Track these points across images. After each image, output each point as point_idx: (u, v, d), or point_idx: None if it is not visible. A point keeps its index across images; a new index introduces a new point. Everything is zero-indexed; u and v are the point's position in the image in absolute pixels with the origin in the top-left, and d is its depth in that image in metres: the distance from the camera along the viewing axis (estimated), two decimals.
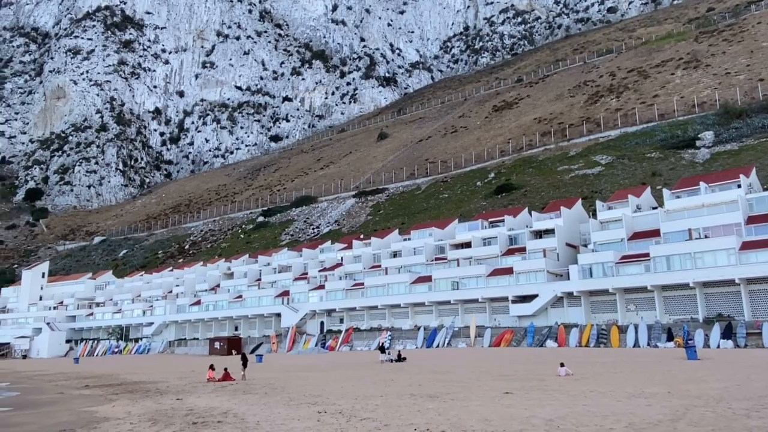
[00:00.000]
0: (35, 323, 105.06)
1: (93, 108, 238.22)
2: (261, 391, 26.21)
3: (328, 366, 43.57)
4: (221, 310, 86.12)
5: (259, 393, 25.54)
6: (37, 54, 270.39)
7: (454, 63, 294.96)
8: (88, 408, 24.97)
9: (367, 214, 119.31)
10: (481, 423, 14.93)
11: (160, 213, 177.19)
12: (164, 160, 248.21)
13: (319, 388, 26.26)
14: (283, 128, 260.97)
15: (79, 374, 50.57)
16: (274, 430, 15.40)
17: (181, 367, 51.66)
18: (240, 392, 26.46)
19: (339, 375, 34.26)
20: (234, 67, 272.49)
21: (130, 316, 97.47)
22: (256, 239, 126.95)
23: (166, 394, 28.04)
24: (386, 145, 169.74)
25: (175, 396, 26.87)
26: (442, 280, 65.73)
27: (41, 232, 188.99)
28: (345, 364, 44.96)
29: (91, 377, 45.71)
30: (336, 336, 70.93)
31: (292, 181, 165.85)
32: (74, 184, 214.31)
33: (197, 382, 34.07)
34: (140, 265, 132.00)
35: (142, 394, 28.97)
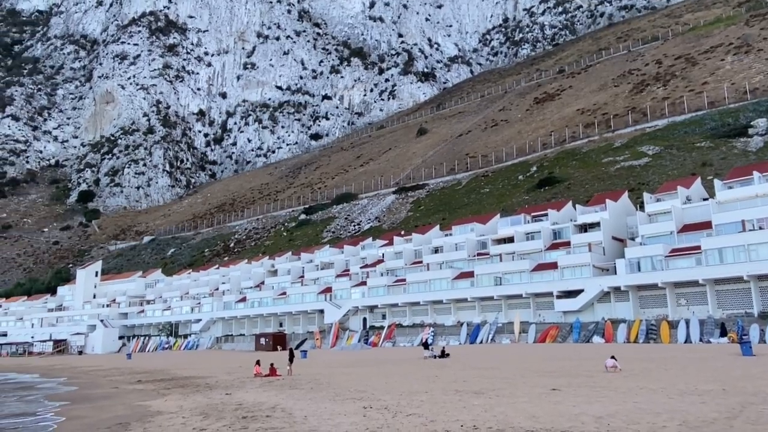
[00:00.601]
0: (90, 320, 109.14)
1: (140, 111, 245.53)
2: (307, 387, 26.59)
3: (371, 362, 43.82)
4: (266, 307, 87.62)
5: (305, 388, 25.92)
6: (86, 60, 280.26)
7: (494, 56, 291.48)
8: (141, 402, 25.85)
9: (408, 210, 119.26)
10: (529, 420, 14.77)
11: (206, 212, 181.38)
12: (209, 160, 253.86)
13: (363, 383, 26.46)
14: (322, 126, 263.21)
15: (132, 369, 52.36)
16: (321, 424, 15.61)
17: (228, 363, 52.85)
18: (286, 387, 26.90)
19: (383, 371, 34.43)
20: (274, 68, 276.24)
21: (179, 313, 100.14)
22: (299, 237, 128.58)
23: (215, 389, 28.76)
24: (426, 140, 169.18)
25: (224, 391, 27.54)
26: (484, 276, 65.17)
27: (94, 232, 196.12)
28: (388, 360, 45.13)
29: (144, 372, 47.24)
30: (379, 332, 71.26)
31: (333, 179, 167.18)
32: (124, 185, 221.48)
33: (245, 378, 34.81)
34: (188, 264, 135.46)
35: (193, 389, 29.78)
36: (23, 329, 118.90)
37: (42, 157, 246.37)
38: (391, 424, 15.03)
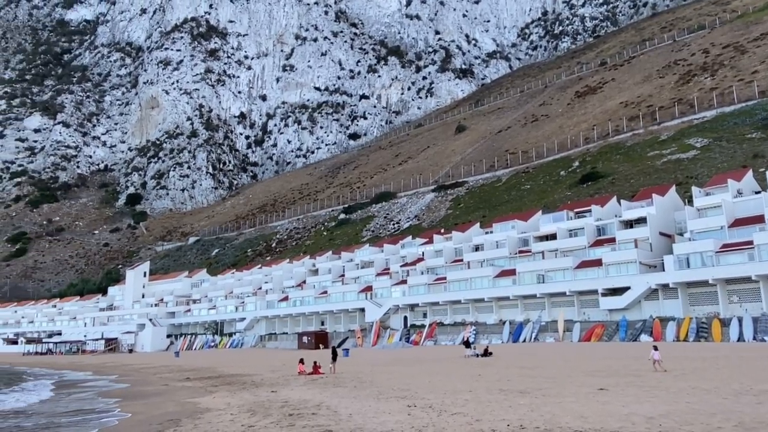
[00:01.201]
0: (139, 319, 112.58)
1: (184, 116, 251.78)
2: (350, 385, 26.80)
3: (413, 360, 43.83)
4: (308, 306, 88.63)
5: (349, 386, 26.13)
6: (132, 67, 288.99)
7: (533, 50, 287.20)
8: (191, 399, 26.55)
9: (447, 208, 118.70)
10: (577, 420, 14.54)
11: (248, 213, 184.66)
12: (250, 162, 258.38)
13: (406, 382, 26.50)
14: (361, 126, 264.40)
15: (180, 367, 53.77)
16: (367, 423, 15.72)
17: (272, 361, 53.70)
18: (330, 385, 27.18)
19: (425, 369, 34.39)
20: (312, 69, 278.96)
21: (224, 312, 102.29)
22: (339, 236, 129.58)
23: (261, 387, 29.29)
24: (464, 137, 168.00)
25: (269, 388, 28.02)
26: (526, 274, 64.31)
27: (141, 234, 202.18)
28: (430, 358, 45.05)
29: (191, 370, 48.46)
30: (420, 330, 71.20)
31: (372, 178, 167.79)
32: (169, 188, 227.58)
33: (289, 375, 35.32)
34: (231, 264, 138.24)
35: (239, 387, 30.42)
36: (77, 328, 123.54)
37: (92, 162, 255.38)
38: (437, 423, 15.02)
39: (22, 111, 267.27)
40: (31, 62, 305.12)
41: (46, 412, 26.53)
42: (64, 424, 22.29)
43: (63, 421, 22.95)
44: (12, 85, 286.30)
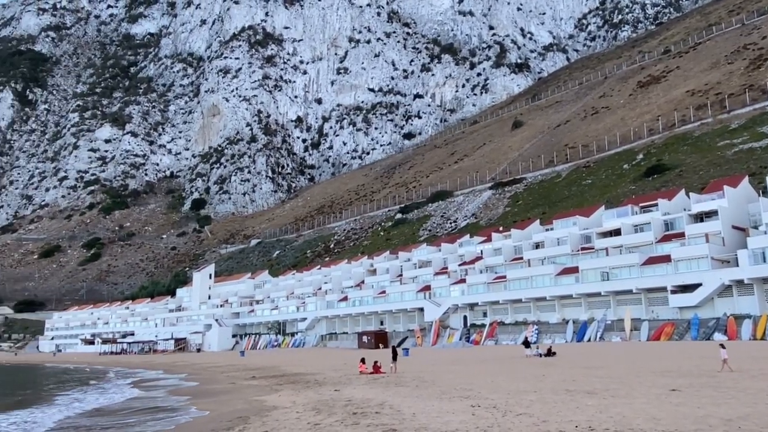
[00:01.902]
0: (206, 320, 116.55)
1: (243, 122, 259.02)
2: (412, 384, 26.85)
3: (474, 360, 43.45)
4: (367, 306, 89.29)
5: (411, 386, 26.18)
6: (193, 77, 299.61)
7: (591, 41, 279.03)
8: (257, 397, 27.30)
9: (505, 205, 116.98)
10: (649, 422, 14.05)
11: (307, 215, 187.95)
12: (307, 165, 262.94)
13: (468, 381, 26.30)
14: (415, 125, 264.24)
15: (246, 366, 55.31)
16: (431, 422, 15.73)
17: (334, 360, 54.44)
18: (392, 385, 27.32)
19: (487, 369, 34.03)
20: (366, 70, 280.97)
21: (286, 312, 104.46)
22: (395, 236, 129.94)
23: (324, 385, 29.78)
24: (521, 133, 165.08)
25: (332, 387, 28.44)
26: (590, 271, 62.54)
27: (206, 237, 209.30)
28: (491, 358, 44.53)
29: (257, 369, 49.75)
30: (480, 330, 70.46)
31: (427, 177, 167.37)
32: (231, 192, 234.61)
33: (351, 374, 35.73)
34: (292, 265, 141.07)
35: (303, 385, 31.02)
36: (148, 328, 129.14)
37: (158, 170, 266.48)
38: (502, 423, 14.86)
39: (94, 123, 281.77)
40: (100, 76, 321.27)
41: (127, 410, 27.92)
42: (144, 421, 23.39)
43: (143, 419, 24.08)
44: (84, 98, 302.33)
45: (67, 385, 47.05)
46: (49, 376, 62.52)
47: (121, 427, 22.02)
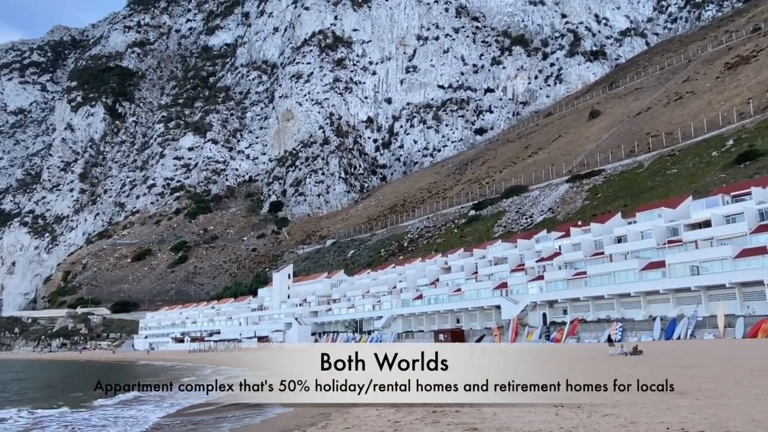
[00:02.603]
0: (286, 318, 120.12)
1: (316, 125, 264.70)
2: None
3: (554, 359, 42.37)
4: (442, 304, 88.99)
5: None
6: (268, 83, 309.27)
7: (672, 23, 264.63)
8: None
9: (584, 198, 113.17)
10: (748, 424, 13.23)
11: (379, 214, 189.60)
12: (379, 164, 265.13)
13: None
14: (487, 120, 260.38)
15: None
16: (512, 422, 15.53)
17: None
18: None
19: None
20: (435, 67, 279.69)
21: (362, 311, 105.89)
22: (469, 233, 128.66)
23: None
24: (599, 123, 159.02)
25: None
26: (677, 265, 59.41)
27: (284, 238, 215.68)
28: (573, 357, 43.28)
29: None
30: (560, 328, 68.59)
31: (501, 172, 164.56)
32: (306, 194, 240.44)
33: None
34: (367, 264, 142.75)
35: None
36: (232, 327, 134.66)
37: (238, 174, 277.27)
38: (587, 424, 14.46)
39: (178, 132, 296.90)
40: (182, 87, 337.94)
41: (217, 405, 29.29)
42: (233, 417, 24.48)
43: (232, 414, 25.19)
44: (168, 109, 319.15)
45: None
46: (148, 374, 66.50)
47: (212, 423, 23.15)
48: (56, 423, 25.31)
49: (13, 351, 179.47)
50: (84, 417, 26.88)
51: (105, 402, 30.35)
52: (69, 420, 26.11)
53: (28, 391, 46.43)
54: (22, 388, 50.68)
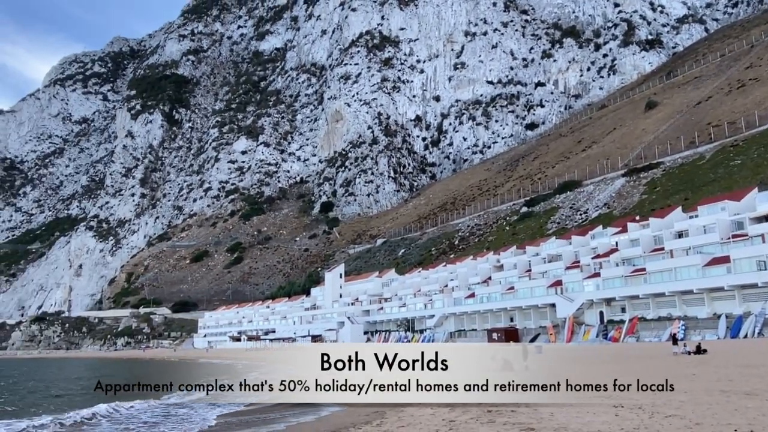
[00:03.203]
0: (338, 317, 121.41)
1: (365, 125, 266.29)
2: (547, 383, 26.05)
3: (612, 358, 41.18)
4: (494, 302, 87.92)
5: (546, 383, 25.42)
6: (317, 86, 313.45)
7: (733, 7, 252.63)
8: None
9: (641, 193, 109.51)
10: None
11: (429, 213, 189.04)
12: (428, 163, 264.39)
13: (609, 380, 24.98)
14: (538, 115, 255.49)
15: None
16: (570, 422, 15.22)
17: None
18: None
19: (628, 368, 32.12)
20: (483, 63, 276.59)
21: (413, 310, 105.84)
22: (521, 230, 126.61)
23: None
24: (656, 114, 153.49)
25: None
26: (743, 260, 56.68)
27: (335, 238, 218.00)
28: (632, 356, 41.95)
29: None
30: (619, 326, 66.58)
31: (553, 168, 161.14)
32: (356, 194, 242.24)
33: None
34: (417, 262, 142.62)
35: None
36: (287, 326, 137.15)
37: (289, 176, 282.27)
38: (649, 425, 14.00)
39: (231, 136, 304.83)
40: (235, 92, 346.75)
41: (273, 403, 29.82)
42: (290, 414, 24.95)
43: (289, 412, 25.68)
44: (221, 114, 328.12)
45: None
46: (210, 373, 68.44)
47: (271, 421, 23.68)
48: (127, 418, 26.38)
49: (81, 349, 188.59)
50: (137, 412, 27.92)
51: (160, 402, 31.20)
52: (126, 414, 27.15)
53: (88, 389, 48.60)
54: (87, 384, 53.15)
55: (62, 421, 25.03)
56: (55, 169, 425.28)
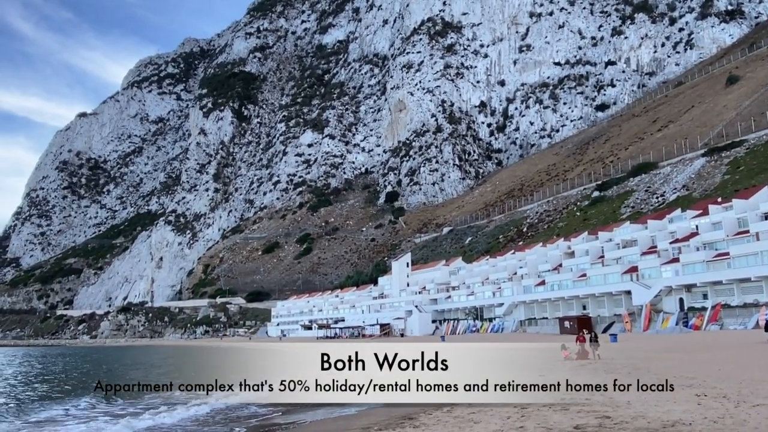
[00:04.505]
0: (406, 306, 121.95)
1: (428, 113, 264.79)
2: (624, 371, 25.26)
3: (694, 347, 39.33)
4: (566, 290, 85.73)
5: (623, 372, 24.65)
6: (380, 76, 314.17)
7: None
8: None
9: (723, 173, 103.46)
10: None
11: (496, 200, 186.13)
12: (494, 149, 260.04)
13: (690, 369, 23.94)
14: (608, 95, 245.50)
15: None
16: (649, 410, 14.68)
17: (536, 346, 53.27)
18: (601, 371, 25.99)
19: (711, 357, 30.59)
20: (550, 44, 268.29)
21: (482, 298, 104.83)
22: (593, 215, 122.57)
23: (527, 369, 29.32)
24: (738, 89, 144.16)
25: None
26: None
27: (401, 228, 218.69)
28: (715, 345, 39.91)
29: None
30: (700, 313, 63.41)
31: (626, 149, 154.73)
32: (421, 183, 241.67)
33: (555, 360, 34.71)
34: (485, 250, 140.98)
35: None
36: (356, 315, 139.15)
37: (354, 167, 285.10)
38: (734, 414, 13.30)
39: (297, 130, 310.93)
40: (300, 87, 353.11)
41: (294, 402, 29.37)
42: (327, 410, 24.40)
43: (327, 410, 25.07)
44: (288, 108, 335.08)
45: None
46: (289, 360, 70.40)
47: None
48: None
49: (164, 338, 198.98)
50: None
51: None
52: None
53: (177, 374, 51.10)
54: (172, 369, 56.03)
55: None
56: (135, 167, 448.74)
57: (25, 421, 25.03)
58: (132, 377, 45.83)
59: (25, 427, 23.61)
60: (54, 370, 62.81)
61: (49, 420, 25.00)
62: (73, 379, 49.51)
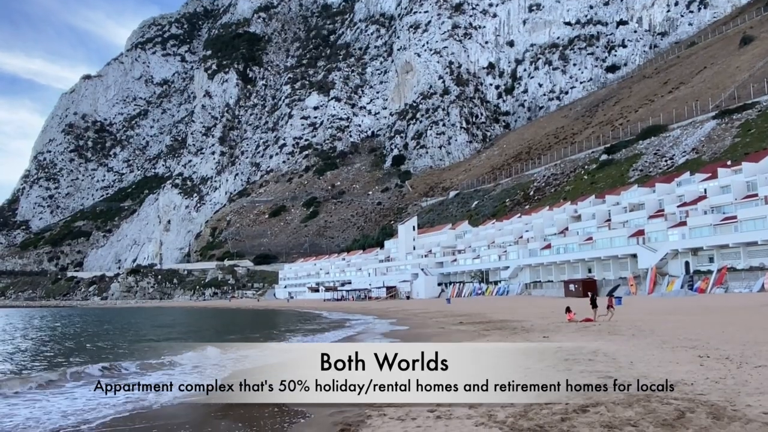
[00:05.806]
0: (412, 269, 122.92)
1: (435, 75, 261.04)
2: (627, 333, 25.53)
3: (698, 310, 39.59)
4: (572, 253, 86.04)
5: (626, 335, 24.92)
6: (386, 37, 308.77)
7: None
8: (468, 342, 28.29)
9: (734, 136, 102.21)
10: None
11: (503, 163, 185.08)
12: (501, 112, 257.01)
13: (693, 332, 24.16)
14: (619, 56, 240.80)
15: (452, 312, 57.51)
16: (651, 371, 14.88)
17: (539, 308, 53.88)
18: (605, 333, 26.28)
19: (715, 319, 30.81)
20: (560, 3, 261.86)
21: (488, 261, 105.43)
22: (601, 179, 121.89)
23: (532, 332, 29.75)
24: (752, 50, 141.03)
25: (540, 334, 28.29)
26: None
27: (407, 191, 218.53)
28: (720, 307, 40.13)
29: (463, 315, 51.44)
30: (706, 277, 63.61)
31: (636, 112, 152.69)
32: (428, 146, 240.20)
33: (558, 322, 35.10)
34: (491, 214, 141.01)
35: (510, 331, 31.35)
36: (362, 278, 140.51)
37: (361, 130, 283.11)
38: (736, 375, 13.48)
39: (303, 92, 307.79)
40: (305, 48, 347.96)
41: None
42: None
43: None
44: (293, 70, 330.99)
45: (313, 328, 53.74)
46: (297, 320, 71.49)
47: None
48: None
49: (173, 299, 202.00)
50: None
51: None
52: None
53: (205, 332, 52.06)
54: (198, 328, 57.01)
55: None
56: (141, 130, 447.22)
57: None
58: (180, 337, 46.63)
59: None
60: (95, 330, 63.64)
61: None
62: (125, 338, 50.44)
